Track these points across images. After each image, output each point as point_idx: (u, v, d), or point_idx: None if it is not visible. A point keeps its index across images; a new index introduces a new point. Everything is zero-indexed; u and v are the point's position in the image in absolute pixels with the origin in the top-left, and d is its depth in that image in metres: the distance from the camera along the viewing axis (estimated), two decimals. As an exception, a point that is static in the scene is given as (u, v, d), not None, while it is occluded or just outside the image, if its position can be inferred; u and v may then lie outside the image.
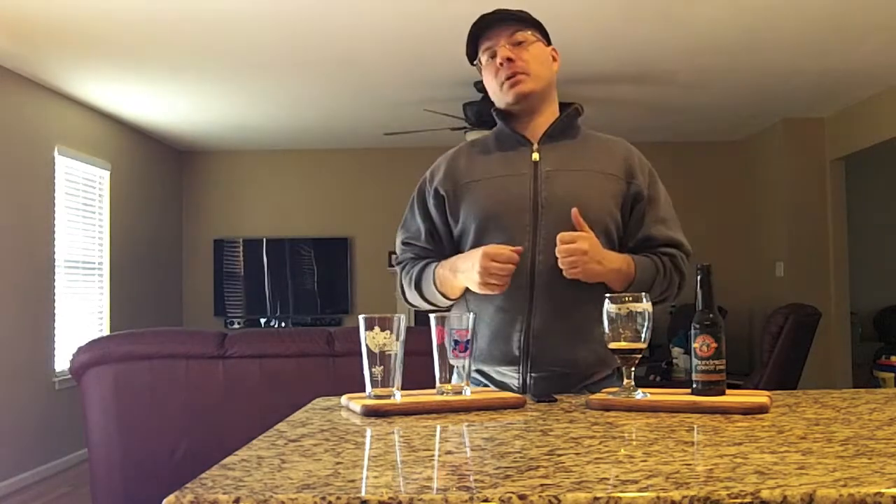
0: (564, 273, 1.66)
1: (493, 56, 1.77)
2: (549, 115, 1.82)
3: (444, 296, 1.80)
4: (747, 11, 4.29)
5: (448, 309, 1.84)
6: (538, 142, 1.79)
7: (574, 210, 1.68)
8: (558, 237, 1.65)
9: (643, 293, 1.50)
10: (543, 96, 1.80)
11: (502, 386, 1.77)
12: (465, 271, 1.70)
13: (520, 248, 1.67)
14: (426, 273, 1.82)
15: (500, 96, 1.79)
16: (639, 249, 1.79)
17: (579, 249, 1.64)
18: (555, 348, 1.72)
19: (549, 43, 1.83)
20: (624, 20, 4.39)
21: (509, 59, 1.74)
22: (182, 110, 6.30)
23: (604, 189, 1.76)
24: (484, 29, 1.78)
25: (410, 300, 1.91)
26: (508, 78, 1.75)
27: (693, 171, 7.82)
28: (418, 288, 1.84)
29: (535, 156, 1.77)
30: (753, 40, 4.77)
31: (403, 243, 1.91)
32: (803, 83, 5.76)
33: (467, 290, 1.77)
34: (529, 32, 1.78)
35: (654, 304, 1.68)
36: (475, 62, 1.84)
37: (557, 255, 1.65)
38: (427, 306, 1.87)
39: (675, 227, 1.83)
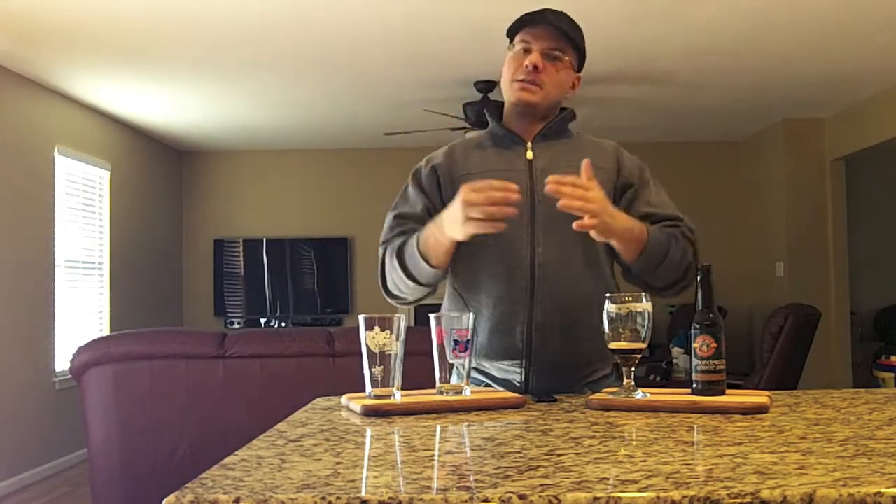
0: (576, 224, 1.53)
1: (526, 51, 1.76)
2: (544, 121, 1.83)
3: (425, 259, 1.67)
4: (748, 12, 4.29)
5: (434, 289, 1.75)
6: (532, 141, 1.81)
7: (586, 160, 1.59)
8: (562, 178, 1.54)
9: (642, 293, 1.50)
10: (543, 111, 1.81)
11: (504, 383, 1.76)
12: (450, 217, 1.60)
13: (514, 186, 1.54)
14: (410, 240, 1.72)
15: (508, 89, 1.80)
16: None
17: (597, 197, 1.54)
18: (558, 341, 1.72)
19: (579, 69, 1.83)
20: (624, 20, 4.39)
21: (535, 67, 1.74)
22: (182, 110, 6.30)
23: (598, 182, 1.76)
24: (536, 22, 1.77)
25: (390, 284, 1.80)
26: (523, 80, 1.75)
27: (693, 171, 7.82)
28: (400, 257, 1.72)
29: (530, 154, 1.79)
30: (754, 41, 4.78)
31: (396, 217, 1.82)
32: (803, 83, 5.76)
33: (464, 285, 1.76)
34: (568, 57, 1.78)
35: (675, 285, 1.69)
36: (510, 41, 1.83)
37: (564, 197, 1.52)
38: (406, 287, 1.75)
39: (671, 207, 1.81)
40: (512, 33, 1.81)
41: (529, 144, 1.80)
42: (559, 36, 1.76)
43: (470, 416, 1.40)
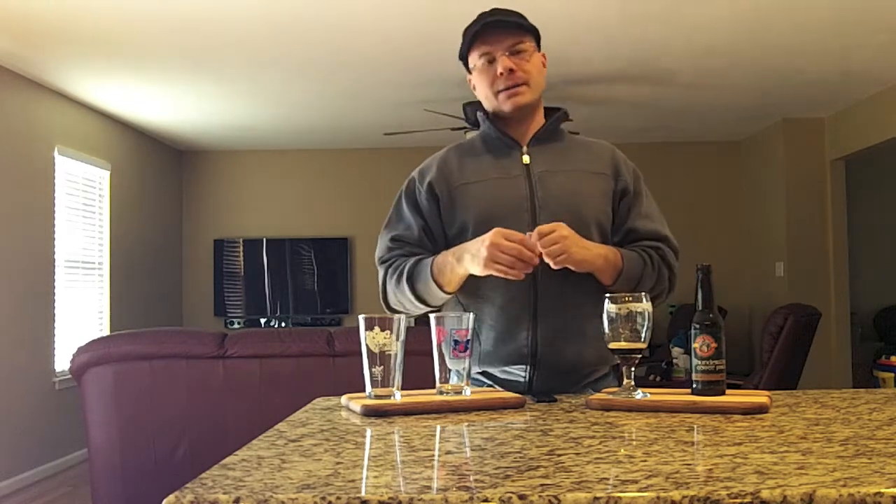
0: (551, 263, 1.60)
1: (491, 62, 1.75)
2: (536, 118, 1.83)
3: (439, 287, 1.71)
4: (748, 12, 4.29)
5: (439, 309, 1.78)
6: (527, 144, 1.80)
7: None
8: (536, 230, 1.60)
9: (642, 293, 1.50)
10: (536, 104, 1.81)
11: (507, 383, 1.76)
12: (472, 251, 1.63)
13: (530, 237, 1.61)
14: (421, 266, 1.74)
15: (494, 103, 1.78)
16: (623, 243, 1.79)
17: (560, 235, 1.59)
18: (562, 347, 1.72)
19: (539, 48, 1.82)
20: (624, 20, 4.39)
21: (511, 70, 1.73)
22: (182, 110, 6.30)
23: (595, 187, 1.77)
24: (483, 32, 1.76)
25: (393, 302, 1.82)
26: (508, 88, 1.74)
27: (693, 171, 7.82)
28: (410, 281, 1.74)
29: (526, 158, 1.78)
30: (754, 41, 4.77)
31: (392, 240, 1.83)
32: (803, 83, 5.76)
33: (465, 293, 1.76)
34: (528, 42, 1.77)
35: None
36: (467, 64, 1.82)
37: (540, 247, 1.59)
38: (414, 306, 1.79)
39: (659, 223, 1.82)
40: (465, 53, 1.80)
41: (525, 148, 1.79)
42: (510, 31, 1.75)
43: (470, 416, 1.40)
